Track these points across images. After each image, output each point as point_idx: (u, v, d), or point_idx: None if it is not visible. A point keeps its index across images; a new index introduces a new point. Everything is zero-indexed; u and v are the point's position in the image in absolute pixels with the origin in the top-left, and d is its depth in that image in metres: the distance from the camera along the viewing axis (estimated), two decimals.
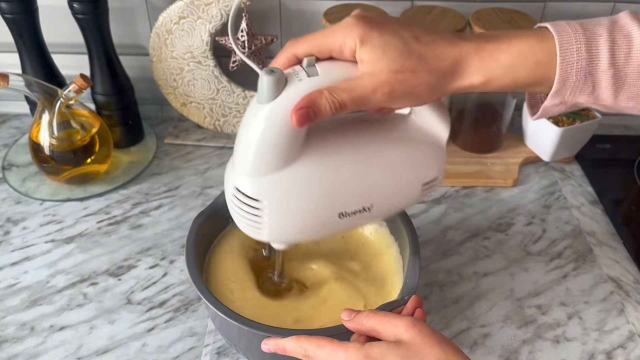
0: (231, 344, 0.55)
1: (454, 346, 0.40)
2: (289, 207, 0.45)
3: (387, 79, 0.40)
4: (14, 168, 0.81)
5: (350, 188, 0.46)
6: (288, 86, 0.41)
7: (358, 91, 0.41)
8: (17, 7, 0.71)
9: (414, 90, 0.41)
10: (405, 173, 0.48)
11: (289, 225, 0.46)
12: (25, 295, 0.64)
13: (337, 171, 0.45)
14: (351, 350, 0.41)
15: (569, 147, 0.82)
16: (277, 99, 0.41)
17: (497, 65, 0.41)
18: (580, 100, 0.43)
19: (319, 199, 0.45)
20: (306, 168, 0.44)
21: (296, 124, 0.40)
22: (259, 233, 0.47)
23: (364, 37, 0.40)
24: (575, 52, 0.41)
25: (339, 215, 0.46)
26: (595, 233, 0.73)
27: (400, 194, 0.49)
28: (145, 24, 0.84)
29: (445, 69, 0.41)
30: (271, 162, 0.43)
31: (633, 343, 0.60)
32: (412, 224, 0.57)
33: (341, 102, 0.41)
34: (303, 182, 0.44)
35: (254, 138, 0.42)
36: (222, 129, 0.87)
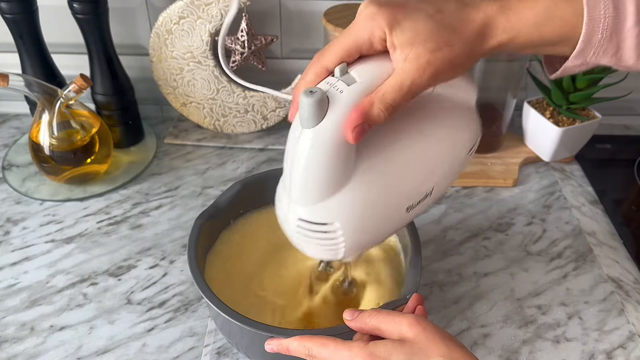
0: (232, 343, 0.55)
1: (458, 342, 0.40)
2: (360, 220, 0.44)
3: (428, 60, 0.39)
4: (14, 168, 0.81)
5: (410, 182, 0.45)
6: (332, 103, 0.38)
7: (405, 85, 0.40)
8: (17, 7, 0.71)
9: (454, 62, 0.41)
10: (452, 147, 0.47)
11: (364, 236, 0.45)
12: (25, 295, 0.63)
13: (393, 169, 0.44)
14: (355, 349, 0.40)
15: (569, 147, 0.82)
16: (325, 121, 0.38)
17: (523, 23, 0.41)
18: (603, 61, 0.42)
19: (385, 203, 0.44)
20: (364, 177, 0.42)
21: (353, 141, 0.39)
22: (336, 254, 0.46)
23: (390, 22, 0.39)
24: (602, 9, 0.40)
25: (407, 209, 0.46)
26: (595, 233, 0.73)
27: (452, 168, 0.48)
28: (145, 24, 0.84)
29: (475, 34, 0.41)
30: (330, 185, 0.41)
31: (633, 343, 0.60)
32: (413, 223, 0.57)
33: (394, 103, 0.40)
34: (366, 192, 0.43)
35: (307, 166, 0.40)
36: (222, 129, 0.87)
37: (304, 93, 0.38)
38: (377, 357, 0.39)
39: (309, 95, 0.37)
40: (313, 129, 0.38)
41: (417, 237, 0.56)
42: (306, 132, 0.39)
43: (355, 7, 0.76)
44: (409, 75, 0.40)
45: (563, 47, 0.42)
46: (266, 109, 0.85)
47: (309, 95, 0.37)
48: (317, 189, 0.41)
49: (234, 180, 0.80)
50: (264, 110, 0.85)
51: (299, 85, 0.42)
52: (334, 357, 0.41)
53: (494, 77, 0.77)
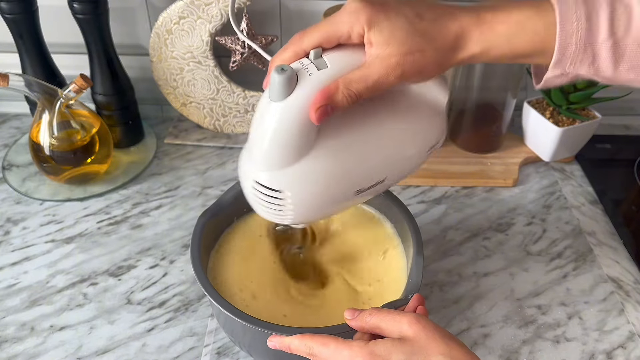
0: (235, 341, 0.55)
1: (458, 341, 0.40)
2: (310, 193, 0.46)
3: (397, 62, 0.41)
4: (14, 168, 0.81)
5: (364, 166, 0.47)
6: (300, 83, 0.42)
7: (371, 79, 0.42)
8: (17, 7, 0.71)
9: (423, 68, 0.42)
10: (413, 142, 0.50)
11: (311, 208, 0.47)
12: (25, 295, 0.63)
13: (351, 153, 0.46)
14: (355, 348, 0.41)
15: (569, 147, 0.82)
16: (290, 97, 0.41)
17: (495, 36, 0.42)
18: (582, 72, 0.43)
19: (337, 182, 0.46)
20: (322, 155, 0.45)
21: (316, 121, 0.41)
22: (283, 219, 0.48)
23: (371, 20, 0.41)
24: (575, 21, 0.41)
25: (356, 192, 0.48)
26: (595, 233, 0.73)
27: (410, 161, 0.51)
28: (145, 24, 0.84)
29: (449, 44, 0.42)
30: (289, 156, 0.44)
31: (633, 343, 0.60)
32: (416, 223, 0.58)
33: (357, 93, 0.42)
34: (320, 169, 0.45)
35: (271, 135, 0.43)
36: (222, 129, 0.87)
37: (276, 69, 0.41)
38: (377, 356, 0.40)
39: (280, 72, 0.40)
40: (279, 103, 0.42)
41: (419, 237, 0.56)
42: (273, 104, 0.42)
43: None
44: (376, 71, 0.42)
45: (537, 59, 0.44)
46: None
47: (280, 72, 0.40)
48: (275, 158, 0.44)
49: (234, 180, 0.80)
50: None
51: (274, 59, 0.45)
52: (335, 356, 0.41)
53: (494, 77, 0.77)
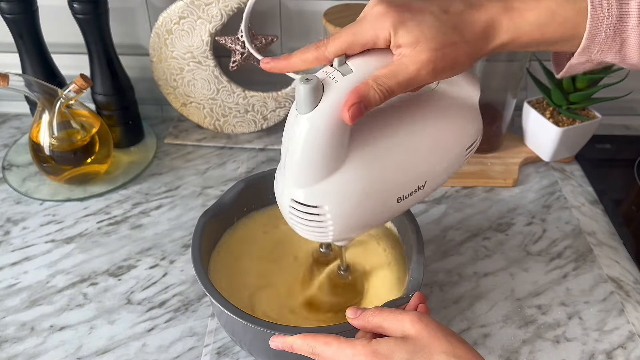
0: (236, 340, 0.55)
1: (460, 339, 0.41)
2: (349, 206, 0.45)
3: (429, 57, 0.40)
4: (14, 168, 0.81)
5: (403, 173, 0.46)
6: (326, 91, 0.40)
7: (402, 74, 0.41)
8: (17, 7, 0.71)
9: (455, 62, 0.42)
10: (450, 143, 0.48)
11: (352, 222, 0.46)
12: (25, 295, 0.64)
13: (387, 160, 0.45)
14: (358, 347, 0.41)
15: (569, 147, 0.82)
16: (318, 107, 0.40)
17: (525, 23, 0.42)
18: (608, 59, 0.43)
19: (376, 192, 0.45)
20: (357, 165, 0.44)
21: (349, 120, 0.40)
22: (325, 236, 0.47)
23: (396, 24, 0.40)
24: (606, 8, 0.41)
25: (397, 200, 0.47)
26: (595, 233, 0.73)
27: (449, 164, 0.49)
28: (145, 24, 0.84)
29: (479, 35, 0.42)
30: (323, 169, 0.43)
31: (633, 343, 0.60)
32: (416, 222, 0.58)
33: (389, 89, 0.41)
34: (358, 179, 0.44)
35: (302, 149, 0.42)
36: (222, 129, 0.87)
37: (301, 80, 0.39)
38: (380, 355, 0.40)
39: (305, 82, 0.39)
40: (307, 115, 0.40)
41: (420, 236, 0.56)
42: (301, 117, 0.41)
43: (355, 7, 0.76)
44: (408, 68, 0.41)
45: (564, 46, 0.43)
46: (266, 109, 0.85)
47: (305, 82, 0.39)
48: (309, 173, 0.43)
49: (234, 180, 0.80)
50: (264, 110, 0.85)
51: (291, 56, 0.43)
52: (338, 355, 0.41)
53: (494, 77, 0.77)
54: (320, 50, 0.42)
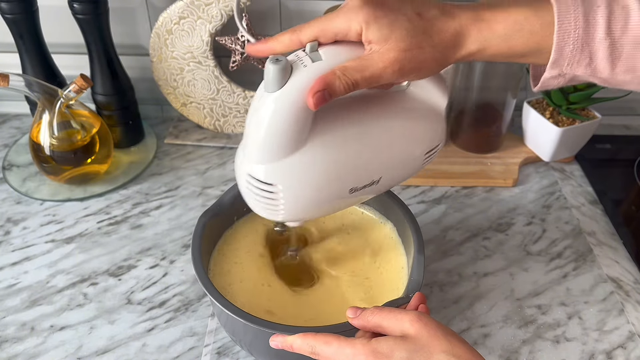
0: (236, 340, 0.55)
1: (460, 338, 0.41)
2: (302, 188, 0.46)
3: (396, 57, 0.41)
4: (14, 168, 0.81)
5: (359, 164, 0.47)
6: (294, 74, 0.42)
7: (369, 70, 0.42)
8: (18, 7, 0.71)
9: (422, 65, 0.43)
10: (410, 144, 0.50)
11: (304, 204, 0.47)
12: (26, 295, 0.64)
13: (346, 149, 0.46)
14: (358, 346, 0.41)
15: (569, 147, 0.82)
16: (284, 87, 0.42)
17: (493, 35, 0.43)
18: (579, 73, 0.43)
19: (330, 178, 0.46)
20: (316, 150, 0.45)
21: (313, 106, 0.41)
22: (275, 214, 0.48)
23: (369, 19, 0.41)
24: (572, 21, 0.41)
25: (349, 190, 0.48)
26: (595, 233, 0.73)
27: (406, 164, 0.51)
28: (145, 24, 0.84)
29: (447, 42, 0.43)
30: (282, 148, 0.44)
31: (633, 343, 0.60)
32: (416, 222, 0.58)
33: (354, 81, 0.42)
34: (314, 164, 0.45)
35: (264, 126, 0.43)
36: (222, 129, 0.87)
37: (271, 60, 0.41)
38: (379, 354, 0.40)
39: (274, 62, 0.41)
40: (273, 93, 0.42)
41: (420, 236, 0.56)
42: (267, 95, 0.42)
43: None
44: (376, 65, 0.42)
45: (534, 59, 0.44)
46: None
47: (274, 62, 0.41)
48: (268, 150, 0.44)
49: (234, 180, 0.79)
50: None
51: (270, 39, 0.44)
52: (337, 355, 0.42)
53: (494, 77, 0.77)
54: (295, 33, 0.43)
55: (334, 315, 0.55)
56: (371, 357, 0.40)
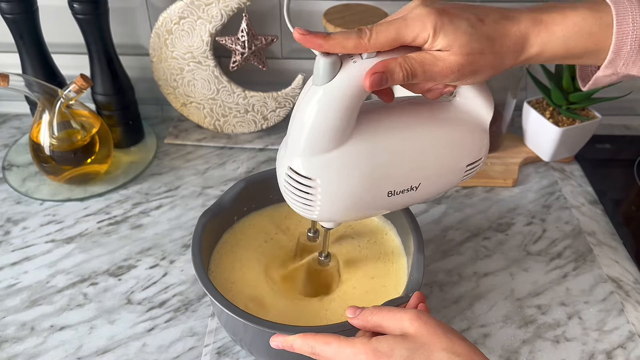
0: (236, 339, 0.55)
1: (460, 336, 0.41)
2: (340, 185, 0.46)
3: (457, 61, 0.42)
4: (14, 168, 0.81)
5: (400, 167, 0.47)
6: (343, 68, 0.42)
7: (429, 65, 0.42)
8: (18, 7, 0.71)
9: (480, 70, 0.43)
10: (452, 154, 0.50)
11: (340, 203, 0.47)
12: (25, 295, 0.64)
13: (387, 151, 0.46)
14: (358, 345, 0.41)
15: (569, 147, 0.82)
16: (333, 80, 0.42)
17: (552, 37, 0.43)
18: (633, 72, 0.44)
19: (369, 178, 0.46)
20: (358, 148, 0.45)
21: (368, 87, 0.41)
22: (311, 212, 0.48)
23: (437, 26, 0.41)
24: (630, 22, 0.42)
25: (387, 193, 0.48)
26: (595, 233, 0.73)
27: (446, 174, 0.50)
28: (145, 24, 0.84)
29: (509, 48, 0.43)
30: (325, 142, 0.44)
31: (633, 343, 0.60)
32: (416, 222, 0.58)
33: (413, 70, 0.42)
34: (355, 162, 0.45)
35: (310, 119, 0.43)
36: (222, 129, 0.87)
37: (322, 53, 0.42)
38: (380, 353, 0.40)
39: (325, 55, 0.42)
40: (321, 87, 0.42)
41: (420, 236, 0.56)
42: (315, 88, 0.43)
43: (355, 7, 0.76)
44: (435, 61, 0.42)
45: (589, 59, 0.44)
46: (266, 109, 0.85)
47: (325, 55, 0.42)
48: (311, 143, 0.44)
49: (234, 180, 0.80)
50: (264, 110, 0.85)
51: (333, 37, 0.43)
52: (338, 355, 0.42)
53: (494, 77, 0.77)
54: (363, 41, 0.42)
55: (333, 314, 0.55)
56: (371, 356, 0.40)
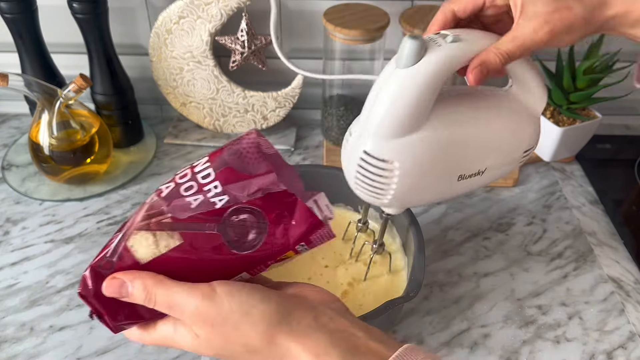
0: None
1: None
2: (416, 169, 0.47)
3: (545, 19, 0.42)
4: (13, 168, 0.81)
5: (470, 152, 0.48)
6: (428, 52, 0.43)
7: (521, 38, 0.43)
8: (17, 7, 0.71)
9: (572, 24, 0.43)
10: (513, 141, 0.51)
11: (414, 187, 0.48)
12: (25, 295, 0.63)
13: (460, 135, 0.47)
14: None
15: (569, 147, 0.82)
16: (419, 63, 0.43)
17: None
18: None
19: (444, 162, 0.47)
20: (433, 132, 0.46)
21: (473, 82, 0.43)
22: (383, 197, 0.48)
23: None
24: None
25: (458, 177, 0.49)
26: (595, 233, 0.73)
27: (508, 160, 0.52)
28: (145, 24, 0.84)
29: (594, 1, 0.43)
30: (404, 125, 0.45)
31: (633, 343, 0.60)
32: (417, 222, 0.58)
33: (508, 52, 0.43)
34: (431, 145, 0.46)
35: (391, 101, 0.44)
36: (222, 129, 0.87)
37: (409, 35, 0.43)
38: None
39: (412, 38, 0.42)
40: (405, 69, 0.43)
41: (420, 235, 0.56)
42: (398, 71, 0.44)
43: (355, 7, 0.76)
44: (526, 31, 0.43)
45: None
46: (266, 109, 0.84)
47: (412, 38, 0.42)
48: (390, 126, 0.45)
49: None
50: (264, 110, 0.85)
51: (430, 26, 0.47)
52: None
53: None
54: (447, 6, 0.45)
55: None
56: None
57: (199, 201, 0.35)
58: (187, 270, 0.36)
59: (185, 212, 0.35)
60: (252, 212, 0.35)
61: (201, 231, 0.35)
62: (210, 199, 0.35)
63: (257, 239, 0.36)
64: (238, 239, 0.36)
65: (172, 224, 0.35)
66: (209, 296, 0.34)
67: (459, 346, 0.59)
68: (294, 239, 0.36)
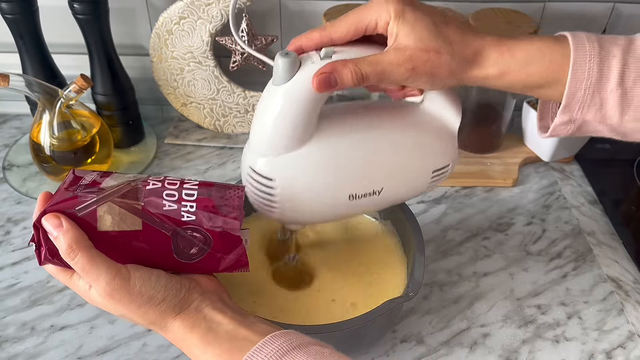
0: None
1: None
2: (300, 186, 0.46)
3: (411, 55, 0.42)
4: (14, 168, 0.81)
5: (360, 170, 0.47)
6: (301, 68, 0.43)
7: (382, 65, 0.42)
8: (18, 7, 0.71)
9: (435, 71, 0.43)
10: (416, 158, 0.49)
11: (300, 204, 0.47)
12: (26, 295, 0.64)
13: (348, 153, 0.46)
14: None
15: (568, 147, 0.82)
16: (291, 80, 0.43)
17: (514, 60, 0.43)
18: (589, 117, 0.44)
19: (329, 180, 0.46)
20: (318, 149, 0.45)
21: (316, 87, 0.42)
22: (271, 212, 0.48)
23: (397, 11, 0.42)
24: (587, 70, 0.42)
25: (349, 197, 0.47)
26: (594, 233, 0.73)
27: (411, 179, 0.50)
28: (145, 25, 0.84)
29: (466, 56, 0.43)
30: (285, 142, 0.44)
31: (633, 343, 0.60)
32: (416, 222, 0.58)
33: (364, 73, 0.42)
34: (315, 163, 0.45)
35: (269, 118, 0.44)
36: (222, 129, 0.87)
37: (280, 54, 0.42)
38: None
39: (283, 56, 0.42)
40: (281, 86, 0.43)
41: (420, 235, 0.56)
42: (273, 87, 0.43)
43: (355, 7, 0.76)
44: (390, 60, 0.42)
45: (549, 91, 0.45)
46: None
47: (283, 56, 0.42)
48: (271, 142, 0.45)
49: (234, 180, 0.80)
50: None
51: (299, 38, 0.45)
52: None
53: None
54: (327, 30, 0.44)
55: (332, 314, 0.55)
56: None
57: (171, 208, 0.42)
58: (129, 253, 0.43)
59: (156, 210, 0.42)
60: (204, 236, 0.43)
61: (159, 228, 0.42)
62: (181, 211, 0.43)
63: (197, 255, 0.44)
64: (183, 247, 0.43)
65: (141, 212, 0.42)
66: (124, 276, 0.41)
67: (459, 346, 0.59)
68: (222, 268, 0.45)
